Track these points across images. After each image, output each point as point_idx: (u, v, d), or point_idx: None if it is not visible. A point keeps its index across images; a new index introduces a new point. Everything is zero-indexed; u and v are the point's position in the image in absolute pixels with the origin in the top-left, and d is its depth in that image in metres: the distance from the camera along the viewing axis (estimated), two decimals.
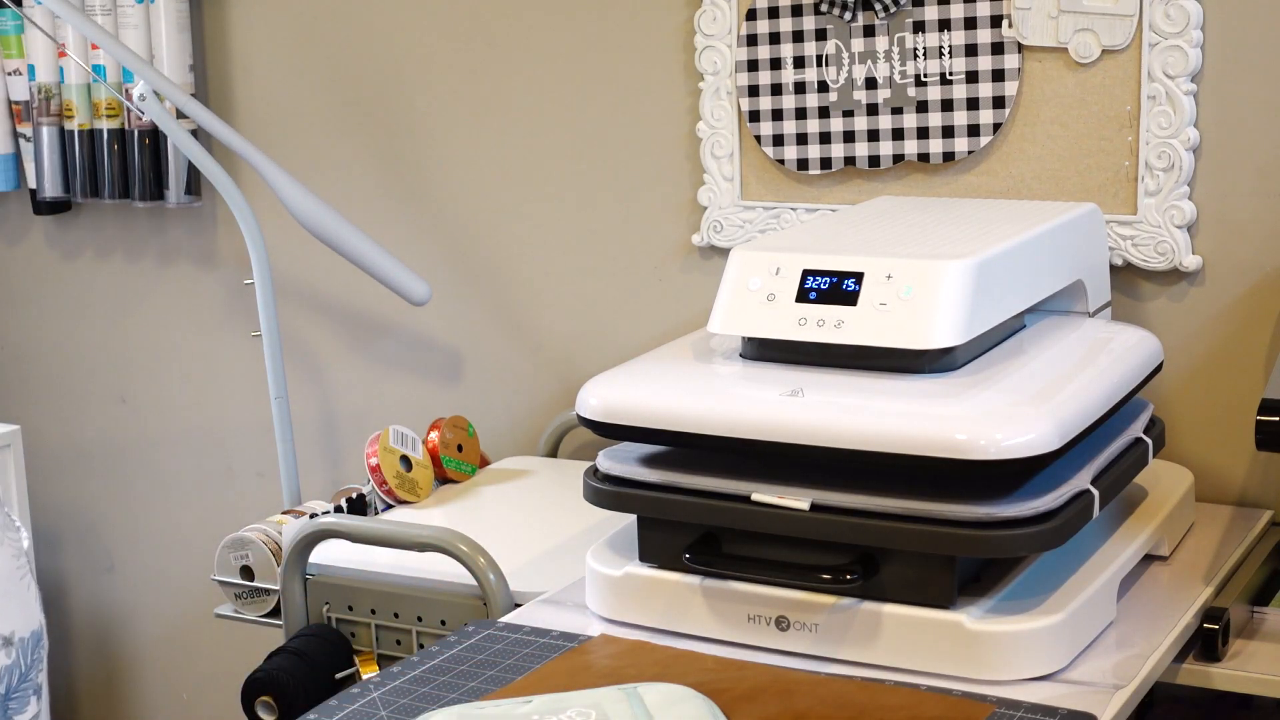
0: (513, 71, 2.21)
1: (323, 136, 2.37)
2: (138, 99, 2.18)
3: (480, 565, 1.69)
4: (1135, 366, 1.58)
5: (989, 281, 1.48)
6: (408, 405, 2.36)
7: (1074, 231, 1.69)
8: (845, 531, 1.39)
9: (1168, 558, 1.64)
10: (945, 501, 1.35)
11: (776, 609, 1.43)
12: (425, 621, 1.76)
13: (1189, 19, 1.76)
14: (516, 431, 2.28)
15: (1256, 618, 1.57)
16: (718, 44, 2.02)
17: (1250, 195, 1.79)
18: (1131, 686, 1.36)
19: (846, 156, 1.97)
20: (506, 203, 2.25)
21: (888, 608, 1.39)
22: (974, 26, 1.87)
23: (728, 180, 2.05)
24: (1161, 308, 1.85)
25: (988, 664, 1.36)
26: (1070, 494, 1.40)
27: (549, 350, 2.25)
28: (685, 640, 1.47)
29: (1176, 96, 1.79)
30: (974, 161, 1.91)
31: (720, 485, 1.44)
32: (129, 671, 2.76)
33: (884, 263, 1.48)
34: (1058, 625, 1.37)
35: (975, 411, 1.39)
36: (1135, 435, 1.57)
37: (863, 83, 1.94)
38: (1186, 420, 1.85)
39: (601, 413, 1.51)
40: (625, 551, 1.54)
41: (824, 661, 1.41)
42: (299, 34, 2.37)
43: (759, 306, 1.51)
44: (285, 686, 1.75)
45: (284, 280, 2.40)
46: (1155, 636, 1.45)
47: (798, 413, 1.41)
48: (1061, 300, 1.68)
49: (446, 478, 2.09)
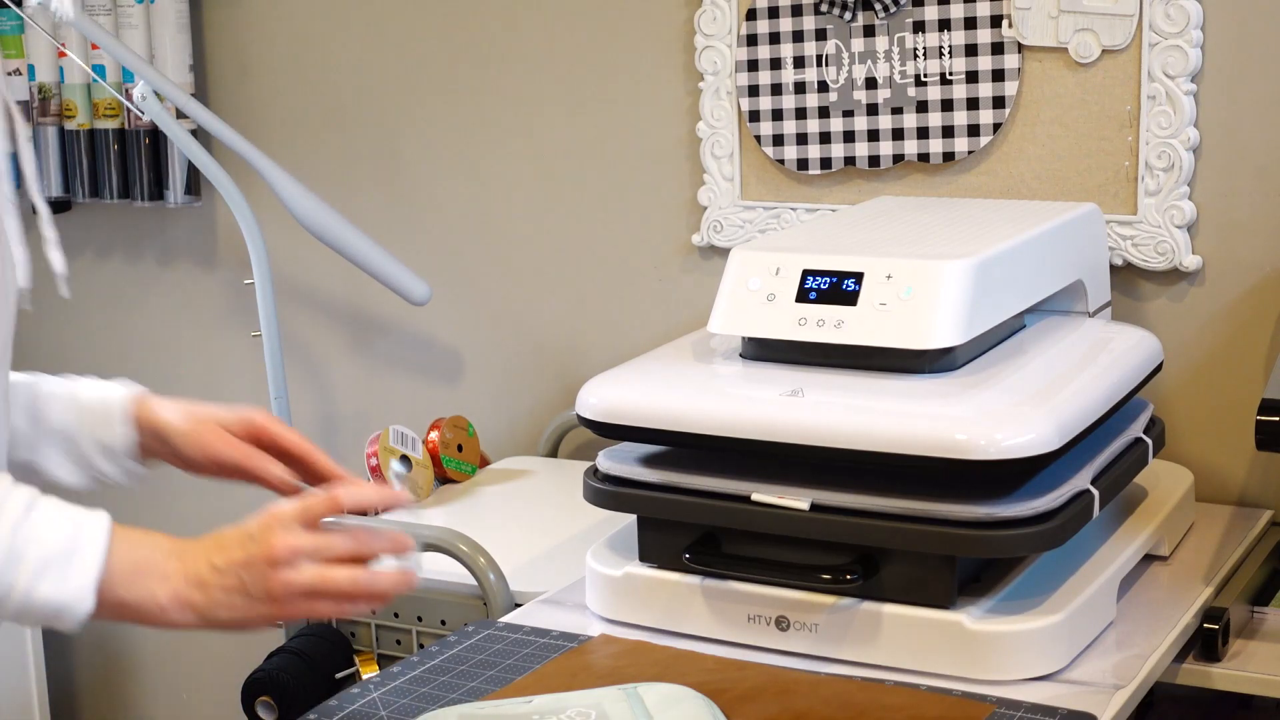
0: (513, 71, 2.21)
1: (323, 136, 2.37)
2: (138, 99, 2.18)
3: (480, 565, 1.69)
4: (1135, 366, 1.58)
5: (989, 281, 1.48)
6: (408, 405, 2.36)
7: (1074, 231, 1.69)
8: (845, 531, 1.39)
9: (1168, 558, 1.64)
10: (945, 501, 1.36)
11: (776, 609, 1.43)
12: (425, 621, 1.76)
13: (1189, 19, 1.76)
14: (516, 431, 2.28)
15: (1256, 617, 1.57)
16: (718, 44, 2.02)
17: (1250, 195, 1.79)
18: (1131, 686, 1.36)
19: (846, 156, 1.97)
20: (506, 203, 2.25)
21: (888, 608, 1.39)
22: (974, 26, 1.87)
23: (728, 180, 2.05)
24: (1161, 308, 1.85)
25: (988, 664, 1.36)
26: (1070, 494, 1.40)
27: (549, 350, 2.25)
28: (685, 640, 1.47)
29: (1176, 96, 1.79)
30: (974, 161, 1.91)
31: (720, 485, 1.44)
32: (129, 671, 2.76)
33: (884, 263, 1.48)
34: (1058, 625, 1.37)
35: (975, 411, 1.39)
36: (1135, 435, 1.57)
37: (863, 83, 1.94)
38: (1186, 420, 1.85)
39: (601, 413, 1.51)
40: (625, 551, 1.54)
41: (824, 661, 1.41)
42: (299, 34, 2.37)
43: (759, 306, 1.51)
44: (285, 686, 1.75)
45: (284, 280, 2.40)
46: (1155, 636, 1.45)
47: (798, 413, 1.41)
48: (1061, 300, 1.68)
49: (447, 478, 2.09)
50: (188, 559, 1.20)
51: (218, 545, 1.21)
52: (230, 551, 1.20)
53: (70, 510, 1.19)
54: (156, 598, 1.19)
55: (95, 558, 1.18)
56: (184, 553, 1.21)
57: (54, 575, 1.16)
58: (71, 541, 1.17)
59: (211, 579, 1.20)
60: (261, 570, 1.19)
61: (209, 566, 1.20)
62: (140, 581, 1.19)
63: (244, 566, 1.20)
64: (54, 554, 1.16)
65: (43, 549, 1.16)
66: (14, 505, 1.17)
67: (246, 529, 1.22)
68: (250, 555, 1.20)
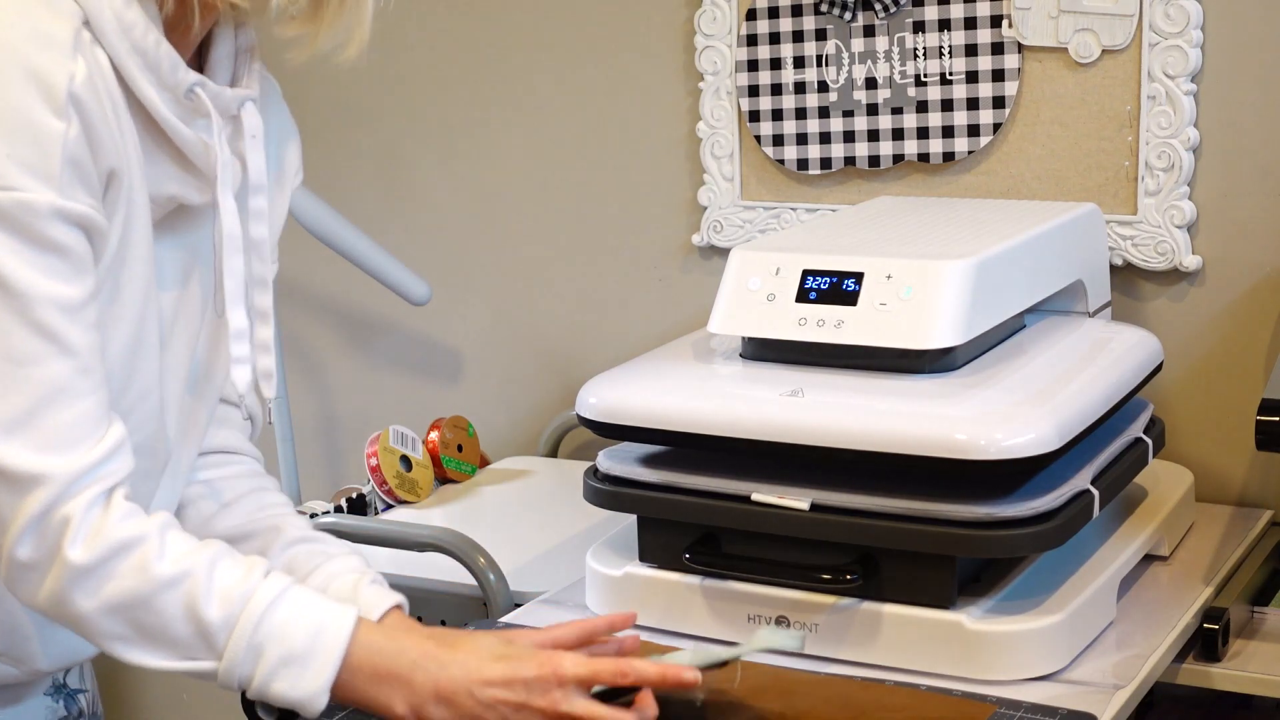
0: (513, 71, 2.21)
1: (323, 136, 2.37)
2: None
3: (480, 565, 1.69)
4: (1135, 366, 1.58)
5: (989, 281, 1.48)
6: (408, 405, 2.36)
7: (1074, 231, 1.69)
8: (845, 531, 1.39)
9: (1168, 558, 1.64)
10: (945, 501, 1.36)
11: (776, 609, 1.43)
12: (426, 621, 1.75)
13: (1189, 19, 1.76)
14: (516, 431, 2.29)
15: (1256, 617, 1.57)
16: (718, 44, 2.02)
17: (1250, 195, 1.79)
18: (1131, 686, 1.36)
19: (846, 156, 1.97)
20: (506, 202, 2.25)
21: (888, 608, 1.39)
22: (974, 26, 1.87)
23: (728, 180, 2.05)
24: (1161, 308, 1.85)
25: (988, 664, 1.36)
26: (1070, 494, 1.40)
27: (549, 350, 2.25)
28: (686, 640, 1.47)
29: (1176, 96, 1.79)
30: (974, 161, 1.91)
31: (720, 485, 1.44)
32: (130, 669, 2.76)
33: (884, 263, 1.48)
34: (1058, 625, 1.37)
35: (975, 411, 1.39)
36: (1135, 435, 1.57)
37: (863, 83, 1.94)
38: (1186, 420, 1.85)
39: (601, 413, 1.51)
40: (625, 551, 1.54)
41: (824, 661, 1.41)
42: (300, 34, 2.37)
43: (759, 306, 1.51)
44: None
45: (284, 280, 2.39)
46: (1155, 636, 1.45)
47: (797, 413, 1.41)
48: (1061, 300, 1.68)
49: (446, 478, 2.09)
50: (442, 676, 1.19)
51: (481, 675, 1.19)
52: (497, 689, 1.19)
53: (318, 608, 1.19)
54: (394, 707, 1.19)
55: (331, 662, 1.18)
56: (439, 666, 1.20)
57: (290, 675, 1.17)
58: (311, 642, 1.18)
59: (466, 705, 1.19)
60: (531, 717, 1.18)
61: (467, 693, 1.19)
62: (381, 688, 1.19)
63: (514, 709, 1.18)
64: (293, 654, 1.17)
65: (282, 648, 1.17)
66: (262, 596, 1.18)
67: (521, 671, 1.19)
68: (522, 701, 1.18)
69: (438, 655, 1.21)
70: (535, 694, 1.18)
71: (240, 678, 1.18)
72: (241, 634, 1.16)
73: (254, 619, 1.17)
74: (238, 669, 1.17)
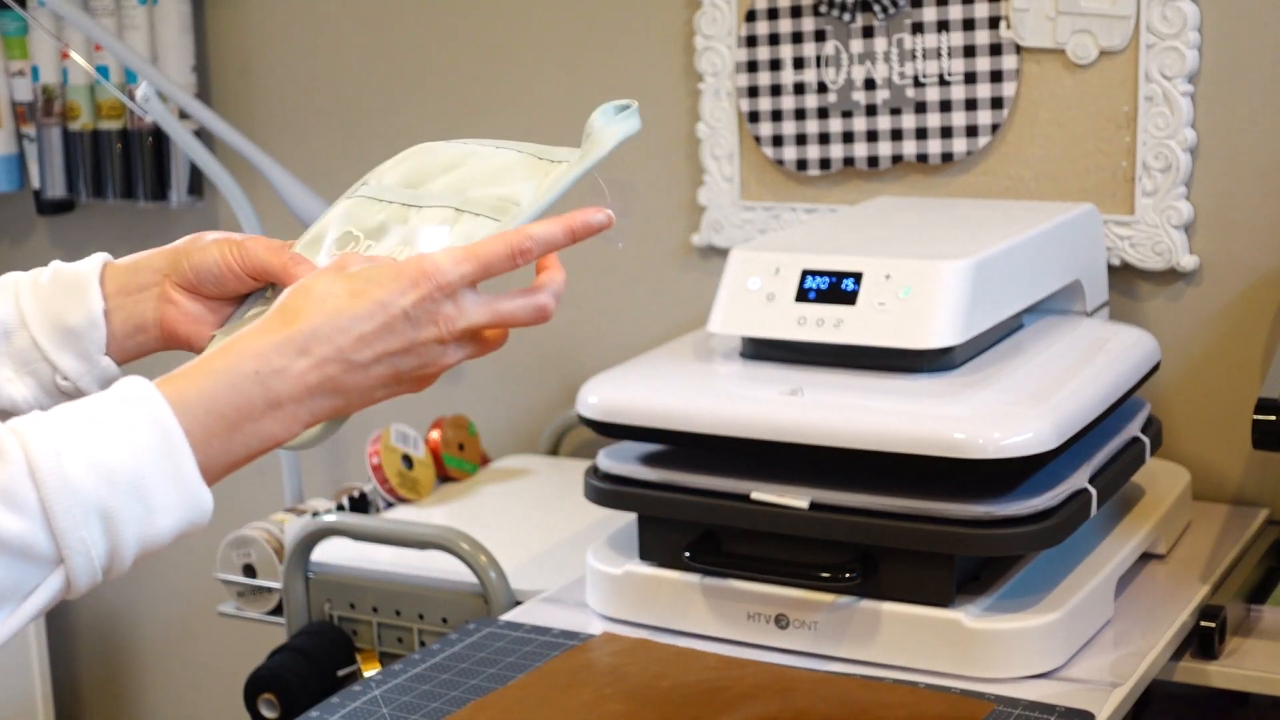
0: (513, 72, 2.22)
1: (325, 137, 2.37)
2: (141, 100, 2.18)
3: (481, 563, 1.70)
4: (1132, 366, 1.58)
5: (987, 281, 1.48)
6: (408, 404, 2.36)
7: (1072, 232, 1.69)
8: (844, 530, 1.40)
9: (1165, 556, 1.64)
10: (943, 500, 1.36)
11: (776, 607, 1.44)
12: (426, 619, 1.76)
13: (1186, 20, 1.77)
14: (517, 430, 2.29)
15: (1253, 615, 1.57)
16: (717, 45, 2.03)
17: (1247, 196, 1.80)
18: (1129, 684, 1.36)
19: (845, 157, 1.98)
20: None
21: (886, 606, 1.40)
22: (972, 28, 1.88)
23: (727, 181, 2.05)
24: (1159, 307, 1.85)
25: (986, 662, 1.37)
26: (1068, 493, 1.40)
27: (549, 350, 2.26)
28: (686, 639, 1.48)
29: (1174, 97, 1.79)
30: (972, 162, 1.92)
31: (720, 484, 1.45)
32: (132, 669, 2.77)
33: (883, 263, 1.48)
34: (1055, 623, 1.38)
35: (973, 411, 1.40)
36: (1132, 434, 1.58)
37: (861, 84, 1.95)
38: (1183, 419, 1.85)
39: (602, 412, 1.51)
40: (625, 550, 1.55)
41: (823, 659, 1.42)
42: (301, 34, 2.38)
43: (759, 306, 1.52)
44: (287, 684, 1.76)
45: None
46: (1152, 634, 1.46)
47: (797, 412, 1.42)
48: (1059, 300, 1.69)
49: (448, 476, 2.10)
50: (300, 368, 0.95)
51: (348, 336, 0.96)
52: (372, 345, 0.96)
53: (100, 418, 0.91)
54: (276, 438, 0.96)
55: (178, 465, 0.92)
56: (287, 357, 0.95)
57: (139, 511, 0.92)
58: (134, 462, 0.91)
59: (347, 384, 0.96)
60: (427, 353, 0.98)
61: (342, 372, 0.96)
62: (242, 433, 0.95)
63: (403, 354, 0.97)
64: (129, 485, 0.91)
65: (110, 489, 0.90)
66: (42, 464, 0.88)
67: (391, 299, 0.96)
68: (409, 341, 0.97)
69: (275, 346, 0.95)
70: (421, 321, 0.97)
71: (98, 560, 0.89)
72: (61, 515, 0.88)
73: (58, 490, 0.88)
74: (80, 557, 0.89)
